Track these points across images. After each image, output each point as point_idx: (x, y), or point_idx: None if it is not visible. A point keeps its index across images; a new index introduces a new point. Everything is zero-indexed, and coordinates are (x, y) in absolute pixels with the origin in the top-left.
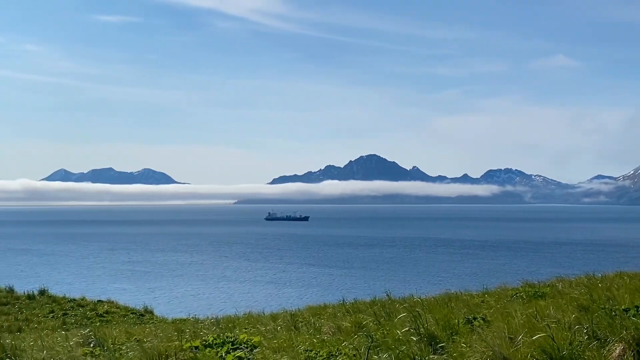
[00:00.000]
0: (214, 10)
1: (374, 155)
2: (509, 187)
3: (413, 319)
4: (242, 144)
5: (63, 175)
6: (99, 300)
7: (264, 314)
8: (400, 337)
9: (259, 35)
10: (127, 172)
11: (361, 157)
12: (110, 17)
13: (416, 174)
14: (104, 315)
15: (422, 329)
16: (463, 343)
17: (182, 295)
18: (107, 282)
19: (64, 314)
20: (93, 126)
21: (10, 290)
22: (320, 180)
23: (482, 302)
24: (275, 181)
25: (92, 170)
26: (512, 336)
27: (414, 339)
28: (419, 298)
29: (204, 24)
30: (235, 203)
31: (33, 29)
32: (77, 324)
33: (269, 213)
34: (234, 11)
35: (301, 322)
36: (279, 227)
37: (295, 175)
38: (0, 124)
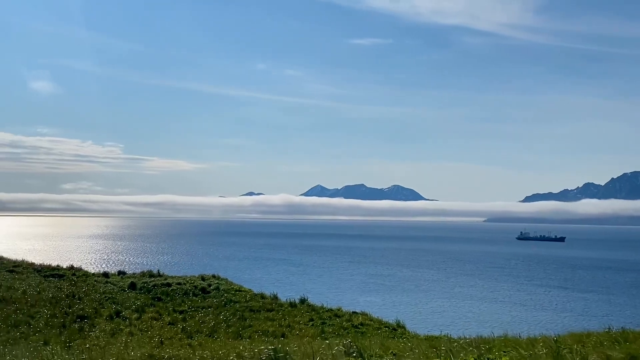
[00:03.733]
0: (462, 26)
1: None
2: None
3: None
4: (492, 160)
5: (319, 190)
6: (353, 312)
7: (521, 337)
8: None
9: (508, 49)
10: (377, 189)
11: (625, 174)
12: (362, 41)
13: None
14: (359, 326)
15: None
16: None
17: (427, 311)
18: (356, 294)
19: (322, 323)
20: (346, 144)
21: (275, 298)
22: (578, 198)
23: None
24: (527, 199)
25: (345, 186)
26: None
27: None
28: None
29: (453, 41)
30: (484, 221)
31: (293, 56)
32: (334, 334)
33: (521, 232)
34: (484, 26)
35: (563, 348)
36: (532, 247)
37: (549, 193)
38: (263, 145)
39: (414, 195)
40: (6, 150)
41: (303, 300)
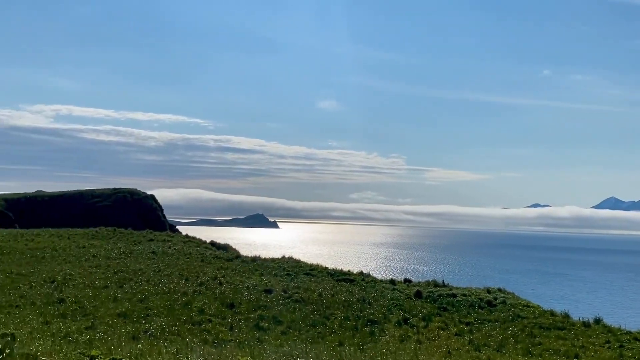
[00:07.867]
0: None
1: None
2: None
3: None
4: None
5: (613, 203)
6: None
7: None
8: None
9: None
10: None
11: None
12: None
13: None
14: None
15: None
16: None
17: None
18: None
19: (620, 346)
20: None
21: (566, 316)
22: None
23: None
24: None
25: None
26: None
27: None
28: None
29: None
30: None
31: (580, 60)
32: (634, 358)
33: None
34: None
35: None
36: None
37: None
38: (550, 154)
39: None
40: (302, 162)
41: (598, 320)
